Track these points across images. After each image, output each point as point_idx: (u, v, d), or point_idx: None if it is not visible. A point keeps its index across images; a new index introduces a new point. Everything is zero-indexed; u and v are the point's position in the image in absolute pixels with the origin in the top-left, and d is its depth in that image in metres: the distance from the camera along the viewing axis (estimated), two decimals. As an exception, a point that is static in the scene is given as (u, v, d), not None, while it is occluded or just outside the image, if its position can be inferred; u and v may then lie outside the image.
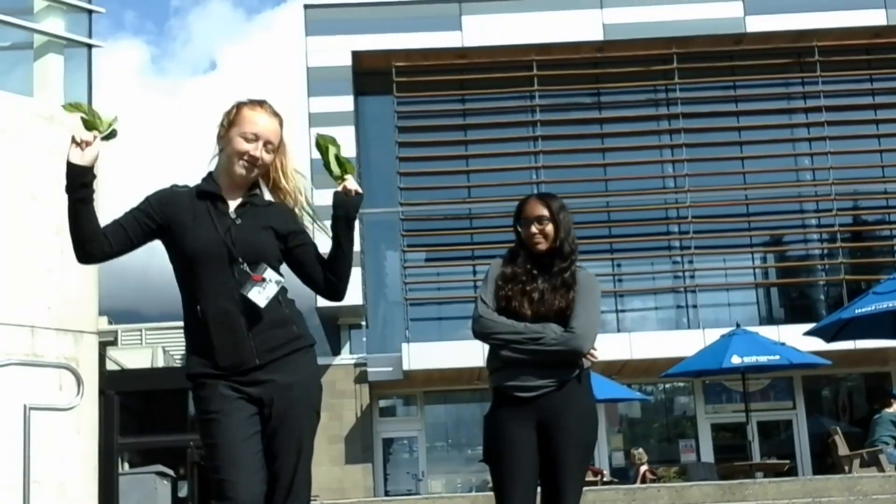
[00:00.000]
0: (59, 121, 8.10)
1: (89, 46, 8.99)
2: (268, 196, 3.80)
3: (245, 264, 3.57)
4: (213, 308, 3.55)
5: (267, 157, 3.69)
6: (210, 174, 3.74)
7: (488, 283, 4.44)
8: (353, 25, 24.99)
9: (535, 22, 25.20)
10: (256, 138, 3.66)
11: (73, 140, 3.49)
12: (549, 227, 4.41)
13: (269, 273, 3.58)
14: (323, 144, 3.72)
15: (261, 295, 3.55)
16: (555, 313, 4.32)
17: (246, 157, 3.65)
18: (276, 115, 3.75)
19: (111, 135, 3.57)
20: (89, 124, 3.51)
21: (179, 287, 3.67)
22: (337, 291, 3.74)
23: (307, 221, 3.83)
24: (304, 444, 3.62)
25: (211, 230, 3.59)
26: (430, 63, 25.33)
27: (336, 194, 3.71)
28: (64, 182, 3.55)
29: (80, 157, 3.49)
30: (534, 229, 4.41)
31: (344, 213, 3.70)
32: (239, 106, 3.73)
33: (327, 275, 3.72)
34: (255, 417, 3.56)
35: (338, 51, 24.76)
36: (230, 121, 3.70)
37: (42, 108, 8.07)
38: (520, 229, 4.47)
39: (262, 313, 3.57)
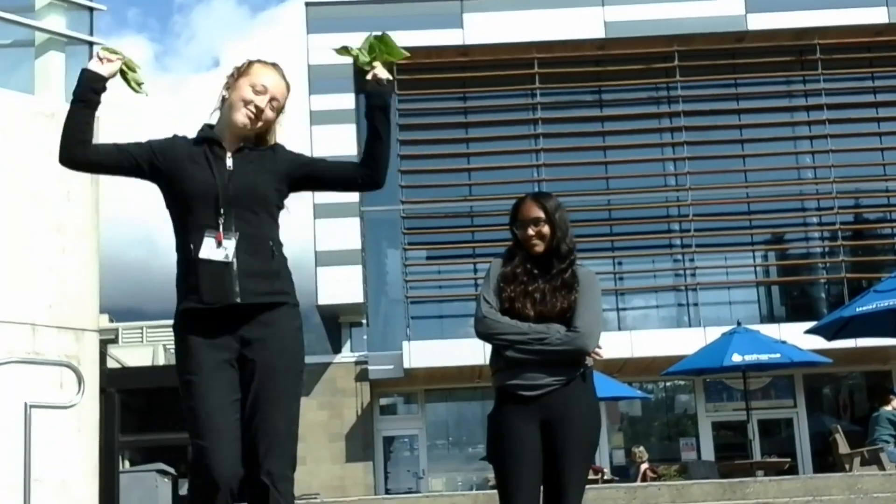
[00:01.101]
0: (60, 119, 8.11)
1: (91, 44, 8.97)
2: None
3: (234, 210, 3.59)
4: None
5: (270, 115, 3.74)
6: (208, 124, 3.79)
7: (490, 282, 4.42)
8: (354, 23, 24.93)
9: (537, 20, 25.19)
10: (265, 90, 3.72)
11: (97, 55, 3.68)
12: (546, 229, 4.39)
13: (229, 240, 3.58)
14: (370, 41, 3.79)
15: (218, 251, 3.57)
16: (557, 314, 4.32)
17: (251, 107, 3.69)
18: (286, 79, 3.82)
19: (132, 85, 3.73)
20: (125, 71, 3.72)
21: (174, 230, 3.69)
22: (377, 179, 3.80)
23: None
24: (288, 402, 3.60)
25: (206, 173, 3.63)
26: (432, 61, 25.30)
27: (367, 83, 3.79)
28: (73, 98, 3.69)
29: (99, 67, 3.66)
30: (530, 231, 4.40)
31: (380, 101, 3.76)
32: (251, 62, 3.80)
33: (365, 164, 3.78)
34: (235, 383, 3.57)
35: (339, 48, 24.69)
36: (241, 72, 3.76)
37: (43, 107, 8.07)
38: (516, 231, 4.47)
39: (251, 260, 3.58)
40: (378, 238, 26.07)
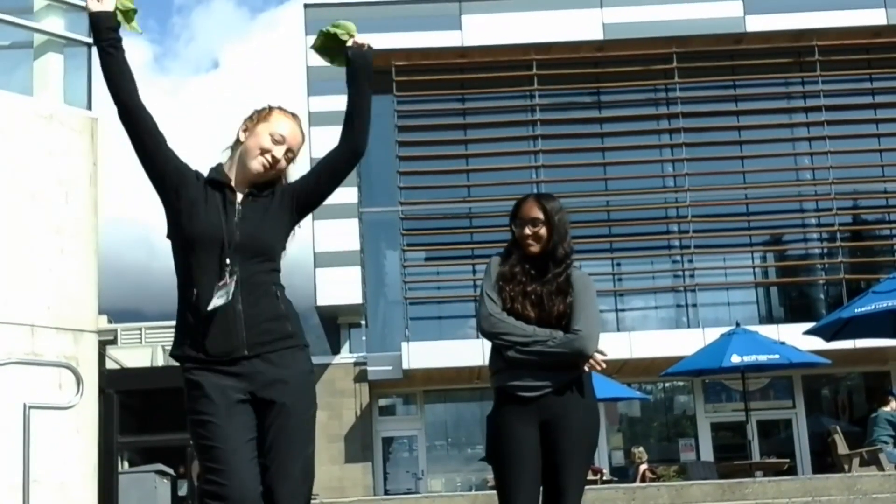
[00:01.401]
0: (58, 120, 8.10)
1: (90, 45, 8.95)
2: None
3: (238, 257, 3.56)
4: (209, 296, 3.54)
5: (283, 165, 3.73)
6: (220, 164, 3.76)
7: (492, 280, 4.42)
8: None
9: (535, 21, 25.21)
10: (283, 141, 3.71)
11: None
12: (543, 230, 4.38)
13: (231, 278, 3.55)
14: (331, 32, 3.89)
15: (220, 298, 3.54)
16: (556, 318, 4.33)
17: (268, 157, 3.68)
18: (302, 130, 3.83)
19: (128, 16, 3.75)
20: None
21: (176, 268, 3.67)
22: (357, 146, 3.76)
23: None
24: (304, 446, 3.63)
25: (216, 217, 3.61)
26: (430, 62, 25.33)
27: (348, 49, 3.83)
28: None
29: (97, 6, 3.68)
30: (527, 231, 4.39)
31: (363, 62, 3.80)
32: (272, 108, 3.80)
33: (344, 135, 3.76)
34: (250, 422, 3.55)
35: (338, 50, 24.69)
36: (260, 117, 3.75)
37: (42, 108, 8.06)
38: (514, 228, 4.46)
39: (258, 307, 3.56)
40: (377, 239, 26.08)
